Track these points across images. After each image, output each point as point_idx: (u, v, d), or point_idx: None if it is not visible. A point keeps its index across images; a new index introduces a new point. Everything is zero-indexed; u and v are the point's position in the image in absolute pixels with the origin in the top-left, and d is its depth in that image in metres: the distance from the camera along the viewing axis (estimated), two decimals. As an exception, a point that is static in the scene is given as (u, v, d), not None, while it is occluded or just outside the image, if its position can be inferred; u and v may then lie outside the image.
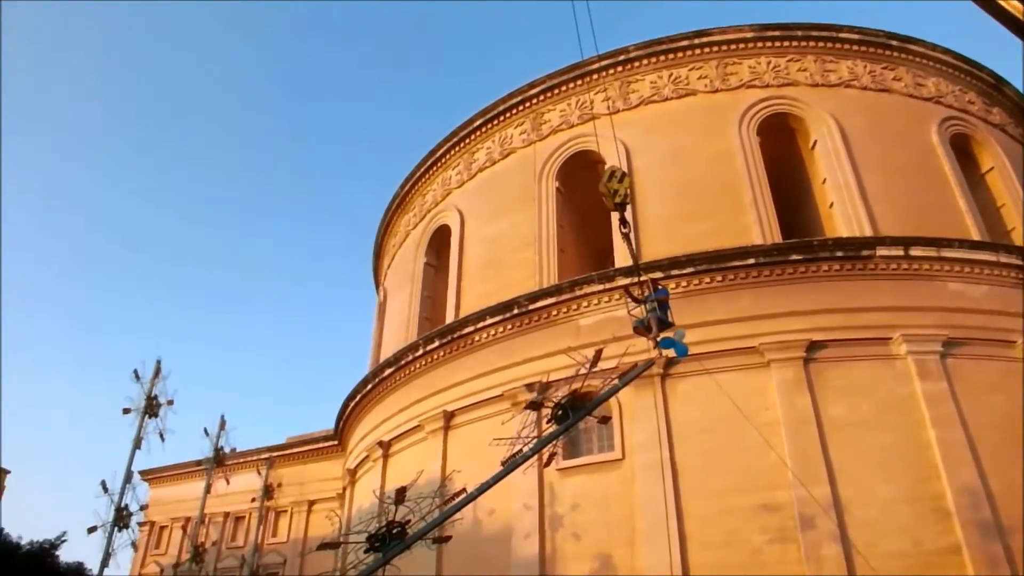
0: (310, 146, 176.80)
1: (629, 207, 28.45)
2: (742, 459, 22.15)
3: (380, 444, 33.66)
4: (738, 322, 24.36)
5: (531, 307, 27.98)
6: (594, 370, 9.74)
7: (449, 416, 29.76)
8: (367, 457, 35.44)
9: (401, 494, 7.81)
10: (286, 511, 50.63)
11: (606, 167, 11.30)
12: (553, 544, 24.58)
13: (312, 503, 49.38)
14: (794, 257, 24.45)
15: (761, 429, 22.54)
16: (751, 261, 24.65)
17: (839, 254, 24.37)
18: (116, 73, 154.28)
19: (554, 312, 27.45)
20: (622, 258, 26.71)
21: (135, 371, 24.87)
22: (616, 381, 9.99)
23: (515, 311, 28.37)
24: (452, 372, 30.53)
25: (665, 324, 10.88)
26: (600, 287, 26.11)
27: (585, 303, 26.70)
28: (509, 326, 28.66)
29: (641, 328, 10.95)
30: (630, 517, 23.32)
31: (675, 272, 25.21)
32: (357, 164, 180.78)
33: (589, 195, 11.63)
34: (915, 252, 24.48)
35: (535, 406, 9.61)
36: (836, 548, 20.38)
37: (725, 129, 29.56)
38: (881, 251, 24.30)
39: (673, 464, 23.30)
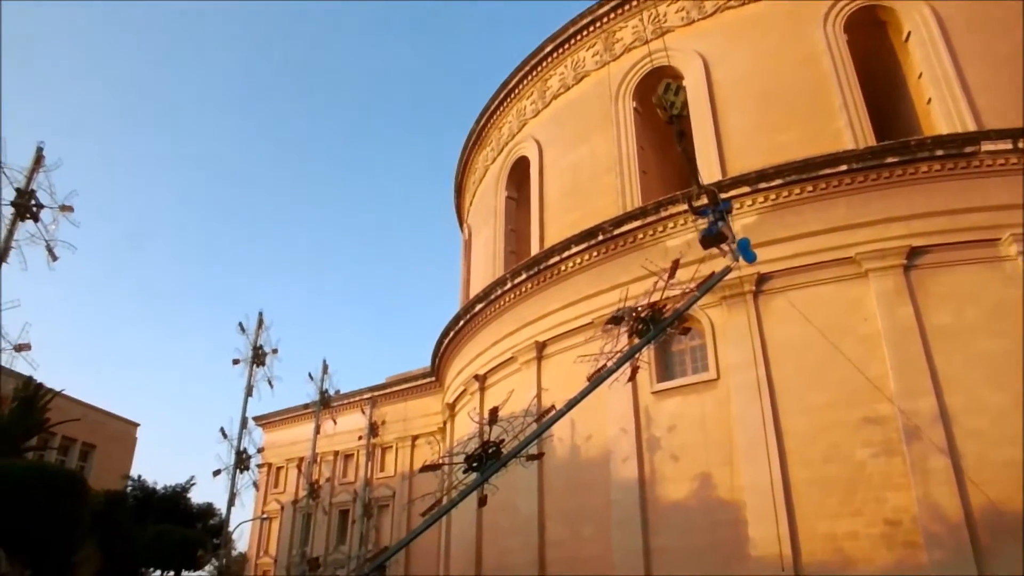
0: (396, 88, 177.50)
1: (712, 121, 27.89)
2: (842, 373, 21.54)
3: (476, 378, 34.39)
4: (833, 232, 23.41)
5: (616, 232, 27.66)
6: (673, 282, 9.57)
7: (541, 346, 30.06)
8: (464, 391, 36.30)
9: (494, 414, 8.01)
10: (391, 447, 52.81)
11: (662, 81, 10.86)
12: (652, 466, 24.79)
13: (415, 438, 51.29)
14: (890, 160, 23.13)
15: (861, 342, 21.94)
16: (843, 168, 23.48)
17: (939, 153, 22.86)
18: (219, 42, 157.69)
19: (640, 235, 27.06)
20: (707, 174, 25.95)
21: (240, 324, 25.92)
22: (696, 292, 9.78)
23: (600, 237, 28.12)
24: (541, 303, 30.71)
25: (722, 236, 10.55)
26: (686, 206, 25.48)
27: (671, 224, 26.19)
28: (595, 253, 28.47)
29: (709, 238, 10.63)
30: (728, 437, 23.23)
31: (763, 185, 24.37)
32: (440, 102, 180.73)
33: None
34: (1025, 145, 22.73)
35: (616, 321, 9.52)
36: (944, 460, 19.77)
37: (809, 29, 27.86)
38: (986, 146, 22.62)
39: (770, 382, 22.95)
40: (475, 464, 7.68)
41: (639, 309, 9.39)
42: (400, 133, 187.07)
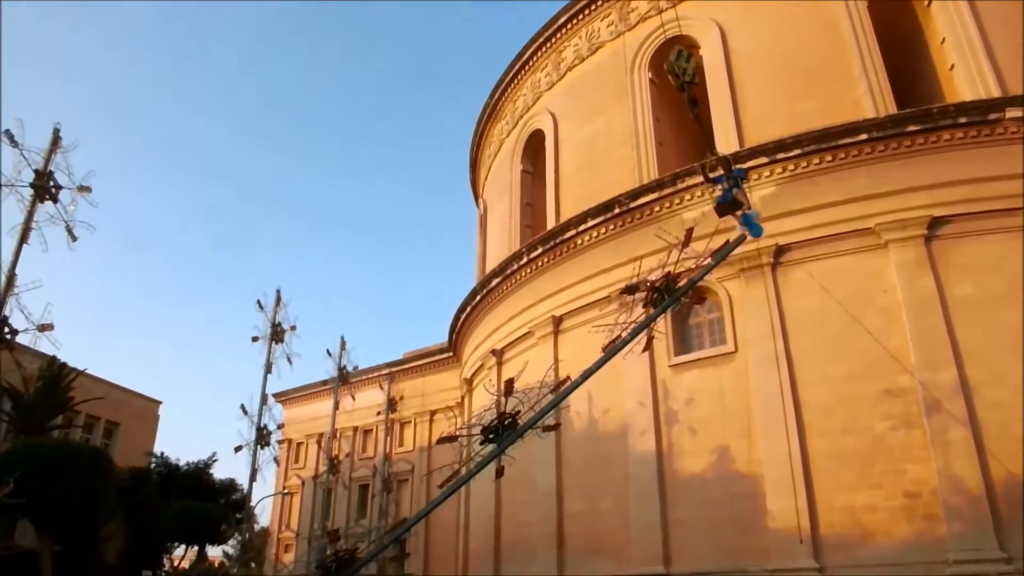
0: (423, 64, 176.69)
1: (729, 91, 27.46)
2: (861, 346, 21.37)
3: (493, 352, 34.45)
4: (852, 203, 23.08)
5: (632, 205, 27.46)
6: (687, 251, 9.48)
7: (558, 321, 30.03)
8: (482, 366, 36.40)
9: (510, 385, 8.00)
10: (410, 422, 53.15)
11: (674, 47, 10.70)
12: (669, 439, 24.81)
13: (433, 413, 51.55)
14: (911, 128, 22.70)
15: (880, 313, 21.74)
16: (863, 137, 23.09)
17: (962, 120, 22.37)
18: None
19: (656, 208, 26.84)
20: (724, 145, 25.63)
21: (258, 301, 26.05)
22: (710, 261, 9.68)
23: (616, 210, 27.93)
24: (558, 277, 30.63)
25: (737, 204, 10.41)
26: (702, 178, 25.20)
27: (688, 196, 25.93)
28: (612, 226, 28.30)
29: (724, 205, 10.49)
30: (746, 410, 23.17)
31: (781, 156, 24.05)
32: (458, 74, 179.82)
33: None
34: (1051, 111, 22.16)
35: (631, 290, 9.45)
36: (964, 432, 19.61)
37: (828, -5, 27.22)
38: (1011, 112, 22.03)
39: (788, 354, 22.82)
40: (491, 436, 7.68)
41: (654, 279, 9.33)
42: (417, 107, 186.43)
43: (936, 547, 18.93)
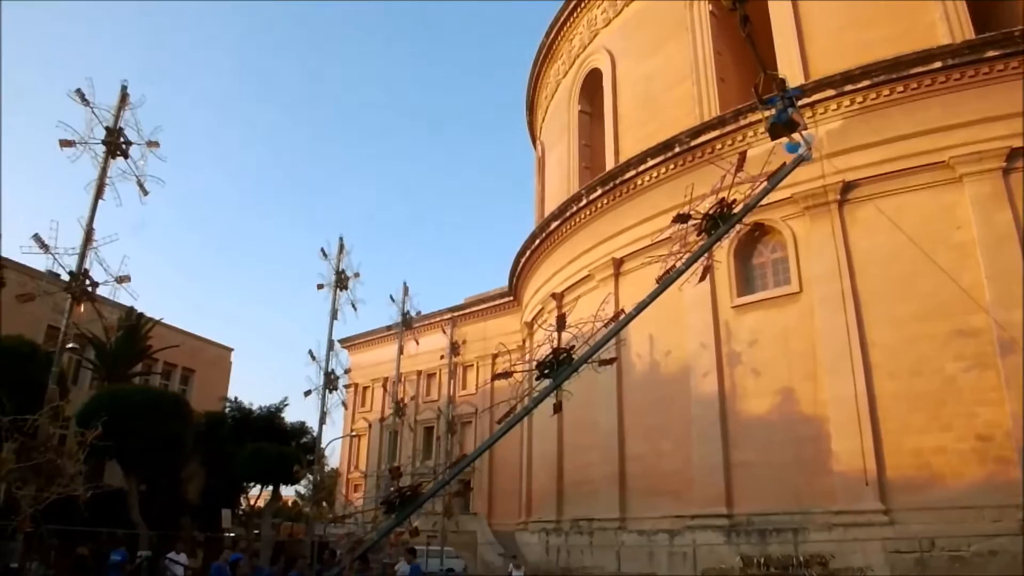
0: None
1: (793, 21, 26.28)
2: (931, 284, 20.63)
3: (553, 296, 34.53)
4: (925, 135, 22.10)
5: (693, 143, 26.84)
6: (740, 175, 9.15)
7: (618, 263, 29.84)
8: (542, 309, 36.54)
9: (562, 320, 7.97)
10: (472, 365, 54.03)
11: None
12: (732, 380, 24.63)
13: (495, 356, 52.10)
14: (990, 54, 21.45)
15: (953, 250, 20.95)
16: (937, 65, 21.97)
17: (1047, 43, 21.06)
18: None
19: (718, 146, 26.17)
20: (789, 78, 24.57)
21: (322, 249, 26.35)
22: (766, 184, 9.32)
23: (677, 149, 27.36)
24: (617, 219, 30.33)
25: (793, 125, 9.91)
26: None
27: (751, 132, 25.13)
28: (672, 166, 27.78)
29: (779, 127, 10.00)
30: (811, 350, 22.80)
31: (848, 88, 23.11)
32: (514, 13, 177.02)
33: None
34: None
35: (683, 219, 9.23)
36: (1042, 373, 18.88)
37: (900, -87, 25.67)
38: (1101, 34, 20.71)
39: (855, 293, 22.27)
40: (547, 371, 7.66)
41: (708, 207, 9.11)
42: (474, 50, 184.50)
43: (1008, 490, 18.46)
